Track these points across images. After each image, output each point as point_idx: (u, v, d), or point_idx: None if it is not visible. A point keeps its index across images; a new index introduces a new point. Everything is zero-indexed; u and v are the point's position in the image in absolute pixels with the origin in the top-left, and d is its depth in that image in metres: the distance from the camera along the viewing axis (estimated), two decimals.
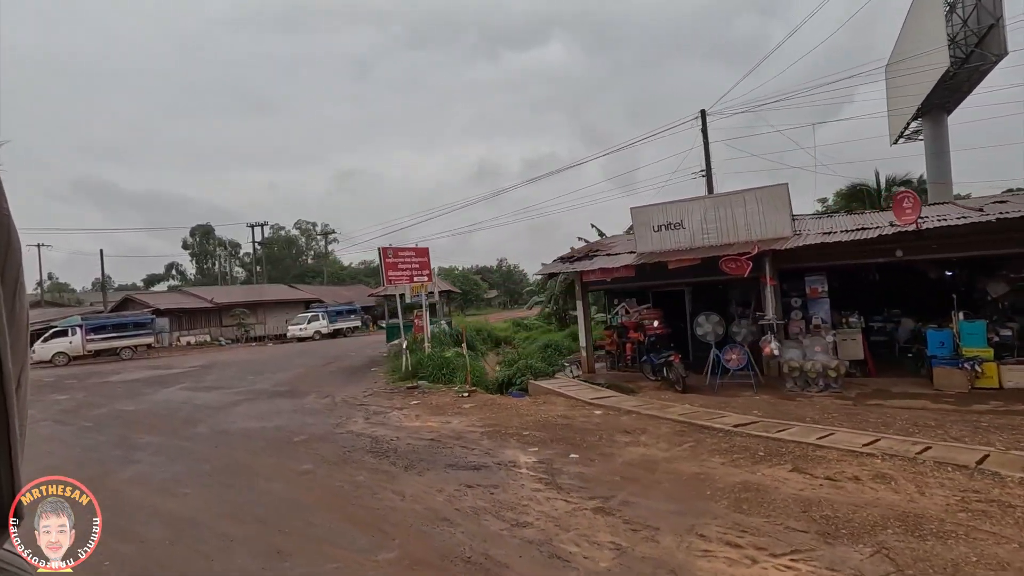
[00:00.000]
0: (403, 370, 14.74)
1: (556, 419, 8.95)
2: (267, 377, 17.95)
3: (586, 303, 15.62)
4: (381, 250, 14.74)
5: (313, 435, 9.13)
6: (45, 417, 12.54)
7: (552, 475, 6.26)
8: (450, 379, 13.70)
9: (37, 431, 10.98)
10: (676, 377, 12.05)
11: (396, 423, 9.73)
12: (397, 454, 7.61)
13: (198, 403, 13.35)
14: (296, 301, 48.80)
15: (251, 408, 12.24)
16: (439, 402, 11.36)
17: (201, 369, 21.78)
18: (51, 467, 8.07)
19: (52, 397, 15.88)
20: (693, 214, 12.66)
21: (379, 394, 13.09)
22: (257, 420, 10.77)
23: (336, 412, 11.14)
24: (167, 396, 14.82)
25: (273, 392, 14.50)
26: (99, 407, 13.60)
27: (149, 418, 11.74)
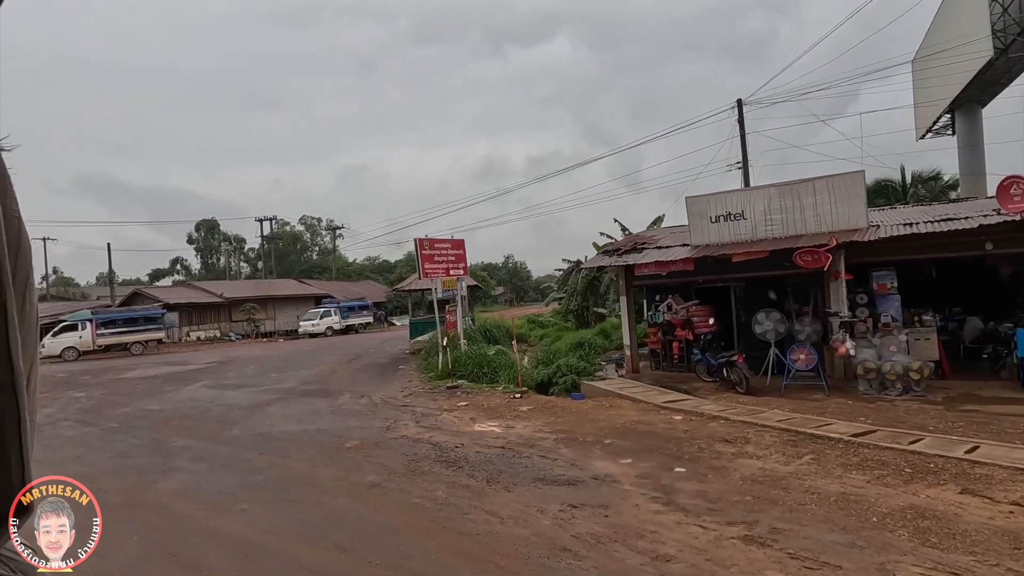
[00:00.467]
0: (440, 369, 13.92)
1: (634, 425, 8.13)
2: (291, 375, 17.14)
3: (630, 298, 14.79)
4: (417, 241, 13.89)
5: (365, 440, 8.31)
6: (65, 416, 11.74)
7: (666, 493, 5.45)
8: (492, 379, 12.88)
9: (60, 432, 10.18)
10: (739, 378, 11.23)
11: (452, 427, 8.91)
12: (470, 464, 6.80)
13: (227, 402, 12.53)
14: (305, 296, 47.99)
15: (286, 409, 11.43)
16: (489, 404, 10.54)
17: (219, 365, 20.98)
18: (83, 475, 7.25)
19: (69, 394, 15.08)
20: (756, 204, 11.82)
21: (419, 394, 12.27)
22: (297, 422, 9.96)
23: (380, 414, 10.33)
24: (191, 394, 14.01)
25: (303, 391, 13.69)
26: (121, 406, 12.80)
27: (178, 418, 10.93)
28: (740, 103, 20.83)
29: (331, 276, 63.46)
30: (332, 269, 70.11)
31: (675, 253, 12.62)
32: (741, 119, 20.79)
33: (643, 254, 13.41)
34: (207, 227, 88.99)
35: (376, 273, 75.16)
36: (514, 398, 10.74)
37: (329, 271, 67.24)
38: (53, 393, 15.51)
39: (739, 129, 20.83)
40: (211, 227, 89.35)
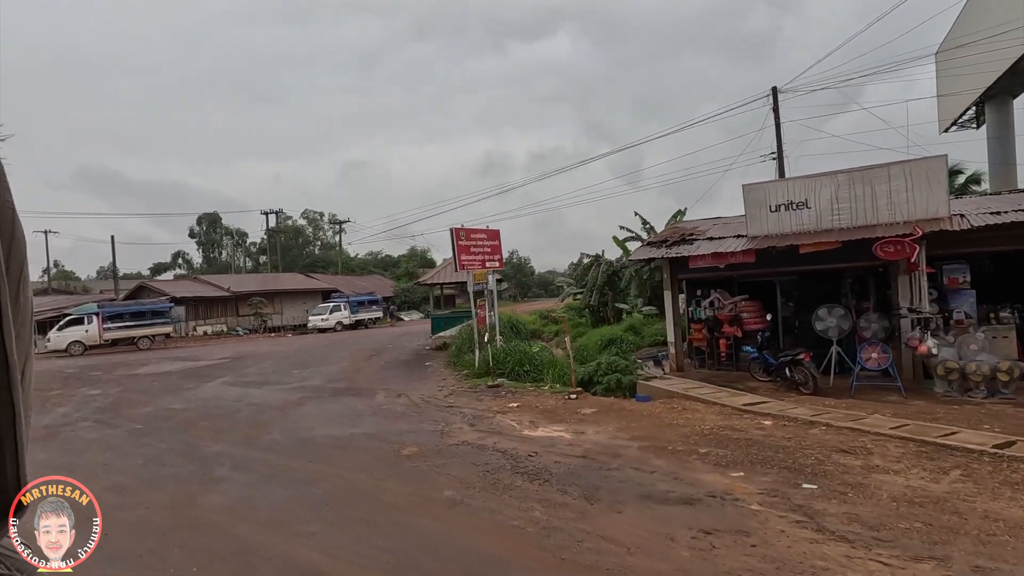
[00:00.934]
0: (476, 366, 13.10)
1: (721, 431, 7.33)
2: (313, 371, 16.32)
3: (675, 293, 13.98)
4: (453, 231, 13.04)
5: (423, 447, 7.51)
6: (83, 416, 10.91)
7: (809, 516, 4.65)
8: (536, 377, 12.08)
9: (81, 434, 9.35)
10: (804, 378, 10.45)
11: (513, 432, 8.11)
12: (555, 477, 5.99)
13: (254, 402, 11.71)
14: (312, 291, 47.11)
15: (320, 409, 10.61)
16: (544, 405, 9.73)
17: (233, 361, 20.14)
18: (117, 487, 6.45)
19: (83, 392, 14.24)
20: (821, 192, 11.00)
21: (460, 393, 11.47)
22: (338, 425, 9.14)
23: (427, 416, 9.52)
24: (214, 392, 13.18)
25: (333, 389, 12.87)
26: (141, 404, 11.97)
27: (206, 419, 10.11)
28: (775, 91, 19.98)
29: (336, 270, 62.51)
30: (338, 263, 69.19)
31: (730, 244, 11.81)
32: (776, 108, 19.94)
33: (695, 245, 12.58)
34: (209, 221, 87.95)
35: (379, 268, 74.20)
36: (569, 399, 9.94)
37: (332, 265, 66.28)
38: (66, 390, 14.67)
39: (774, 118, 19.99)
40: (213, 221, 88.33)
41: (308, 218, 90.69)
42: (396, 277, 58.04)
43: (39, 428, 10.00)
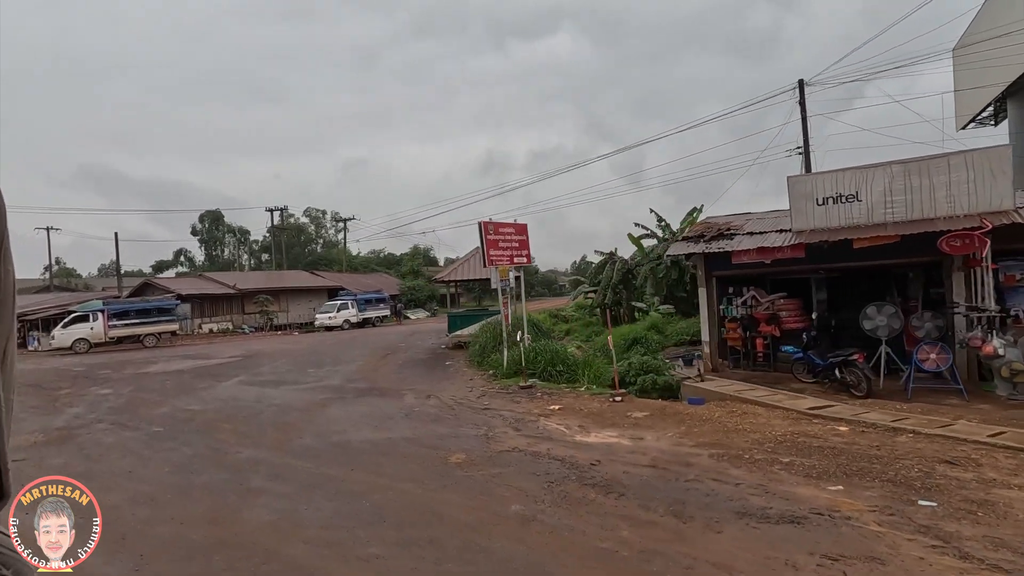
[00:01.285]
0: (505, 366, 12.52)
1: (795, 438, 6.77)
2: (330, 370, 15.74)
3: (711, 290, 13.41)
4: (482, 225, 12.45)
5: (471, 454, 6.93)
6: (98, 417, 10.32)
7: (944, 540, 4.09)
8: (571, 378, 11.51)
9: (98, 437, 8.76)
10: (857, 379, 9.90)
11: (563, 437, 7.53)
12: (630, 490, 5.43)
13: (275, 402, 11.13)
14: (318, 288, 46.51)
15: (347, 411, 10.04)
16: (588, 408, 9.16)
17: (245, 360, 19.54)
18: (147, 497, 5.88)
19: (94, 391, 13.65)
20: (874, 184, 10.44)
21: (492, 395, 10.90)
22: (372, 428, 8.57)
23: (464, 419, 8.95)
24: (231, 392, 12.60)
25: (356, 390, 12.29)
26: (156, 405, 11.38)
27: (228, 421, 9.53)
28: (801, 84, 19.41)
29: (341, 268, 61.84)
30: (342, 261, 68.56)
31: (774, 239, 11.24)
32: (802, 101, 19.37)
33: (735, 240, 12.02)
34: (211, 218, 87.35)
35: (382, 266, 73.59)
36: (614, 402, 9.36)
37: (335, 263, 65.58)
38: (75, 389, 14.08)
39: (800, 112, 19.42)
40: (215, 218, 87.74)
41: (310, 216, 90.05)
42: (401, 275, 57.42)
43: (52, 430, 9.42)
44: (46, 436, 9.03)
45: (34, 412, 11.22)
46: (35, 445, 8.48)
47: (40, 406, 11.86)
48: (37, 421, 10.25)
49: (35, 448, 8.30)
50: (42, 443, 8.59)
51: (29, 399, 12.87)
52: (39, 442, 8.64)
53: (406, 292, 51.04)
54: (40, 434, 9.16)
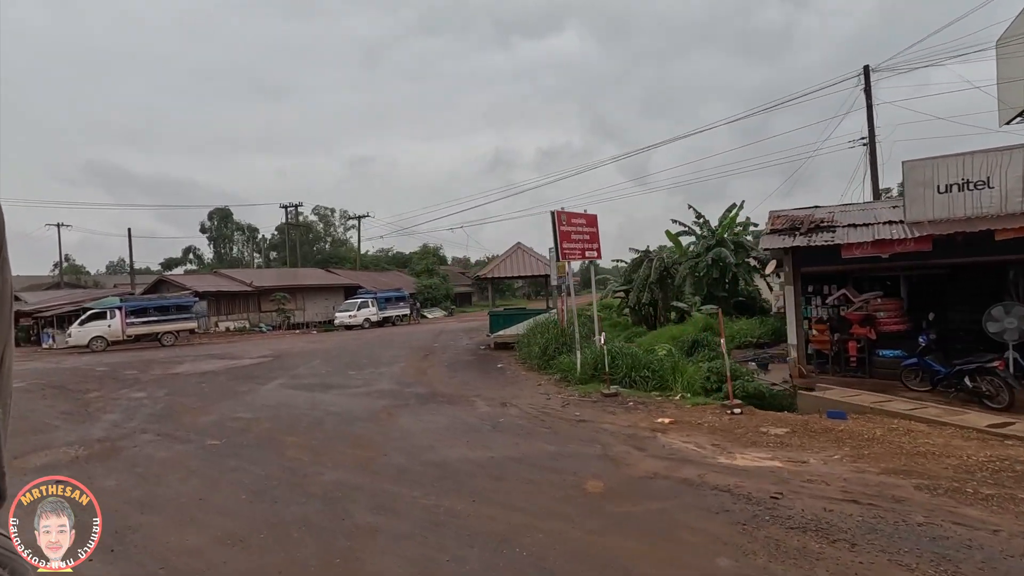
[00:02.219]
0: (579, 371, 11.34)
1: (1004, 463, 5.58)
2: (373, 373, 14.59)
3: (799, 288, 12.21)
4: (555, 214, 11.25)
5: (606, 480, 5.75)
6: (141, 426, 9.15)
7: None
8: (659, 385, 10.32)
9: (148, 451, 7.60)
10: (996, 389, 8.70)
11: (706, 460, 6.35)
12: (852, 536, 4.24)
13: (332, 410, 9.97)
14: (334, 287, 45.41)
15: (422, 421, 8.86)
16: (706, 422, 7.97)
17: (276, 360, 18.39)
18: (234, 537, 4.70)
19: (125, 394, 12.50)
20: (1009, 169, 9.24)
21: (577, 403, 9.72)
22: (463, 444, 7.38)
23: (563, 433, 7.77)
24: (277, 398, 11.43)
25: (415, 395, 11.12)
26: (200, 412, 10.22)
27: (290, 433, 8.36)
28: (867, 70, 18.19)
29: (354, 266, 60.68)
30: (351, 259, 67.45)
31: (890, 231, 10.04)
32: (868, 88, 18.15)
33: (837, 233, 10.82)
34: (220, 216, 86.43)
35: (391, 264, 72.47)
36: (733, 414, 8.18)
37: (345, 261, 64.38)
38: (104, 392, 12.93)
39: (865, 100, 18.20)
40: (224, 216, 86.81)
41: (319, 214, 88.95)
42: (416, 274, 56.25)
43: (92, 442, 8.27)
44: (87, 449, 7.87)
45: (66, 419, 10.08)
46: (77, 461, 7.33)
47: (71, 412, 10.72)
48: (73, 430, 9.10)
49: (78, 465, 7.14)
50: (84, 458, 7.44)
51: (57, 403, 11.73)
52: (80, 457, 7.49)
53: (422, 291, 49.87)
54: (80, 447, 8.01)
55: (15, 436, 8.91)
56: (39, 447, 8.08)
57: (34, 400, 12.18)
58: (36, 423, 9.74)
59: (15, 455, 7.72)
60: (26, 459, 7.44)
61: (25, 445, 8.22)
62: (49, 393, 13.05)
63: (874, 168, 18.17)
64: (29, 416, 10.40)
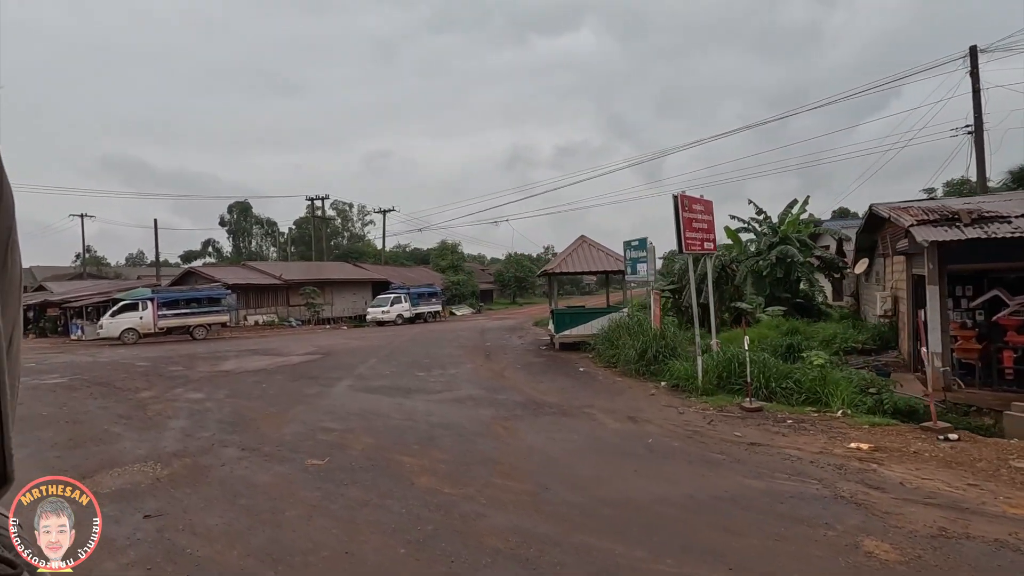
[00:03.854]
0: (699, 380, 9.84)
1: None
2: (442, 374, 13.16)
3: (943, 288, 10.62)
4: (678, 198, 9.73)
5: (890, 539, 4.25)
6: (216, 436, 7.73)
7: None
8: (810, 399, 8.79)
9: (241, 472, 6.17)
10: None
11: (981, 507, 4.83)
12: None
13: (433, 420, 8.53)
14: (361, 281, 44.16)
15: (554, 441, 7.38)
16: (920, 451, 6.43)
17: (325, 358, 17.01)
18: None
19: (182, 395, 11.13)
20: None
21: (723, 420, 8.20)
22: (633, 474, 5.90)
23: (743, 460, 6.27)
24: (357, 403, 10.00)
25: (514, 403, 9.66)
26: (276, 419, 8.82)
27: (401, 450, 6.92)
28: (974, 51, 16.49)
29: (378, 261, 59.41)
30: (371, 254, 66.25)
31: None
32: (975, 71, 16.45)
33: (1012, 224, 9.24)
34: (240, 209, 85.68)
35: (410, 260, 71.27)
36: (948, 440, 6.64)
37: (366, 256, 63.16)
38: (157, 391, 11.58)
39: (972, 84, 16.50)
40: (244, 209, 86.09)
41: (337, 208, 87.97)
42: (440, 270, 54.88)
43: (167, 456, 6.89)
44: (166, 467, 6.48)
45: (126, 425, 8.71)
46: (159, 485, 5.93)
47: (129, 416, 9.36)
48: (139, 440, 7.72)
49: (162, 490, 5.75)
50: (167, 481, 6.04)
51: (109, 404, 10.39)
52: (163, 479, 6.09)
53: (449, 287, 48.52)
54: (156, 463, 6.62)
55: (76, 446, 7.55)
56: (107, 463, 6.70)
57: (82, 400, 10.86)
58: (94, 429, 8.39)
59: (82, 473, 6.34)
60: (97, 479, 6.06)
61: (90, 459, 6.85)
62: (96, 392, 11.73)
63: (980, 156, 16.48)
64: (83, 420, 9.07)
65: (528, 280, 66.35)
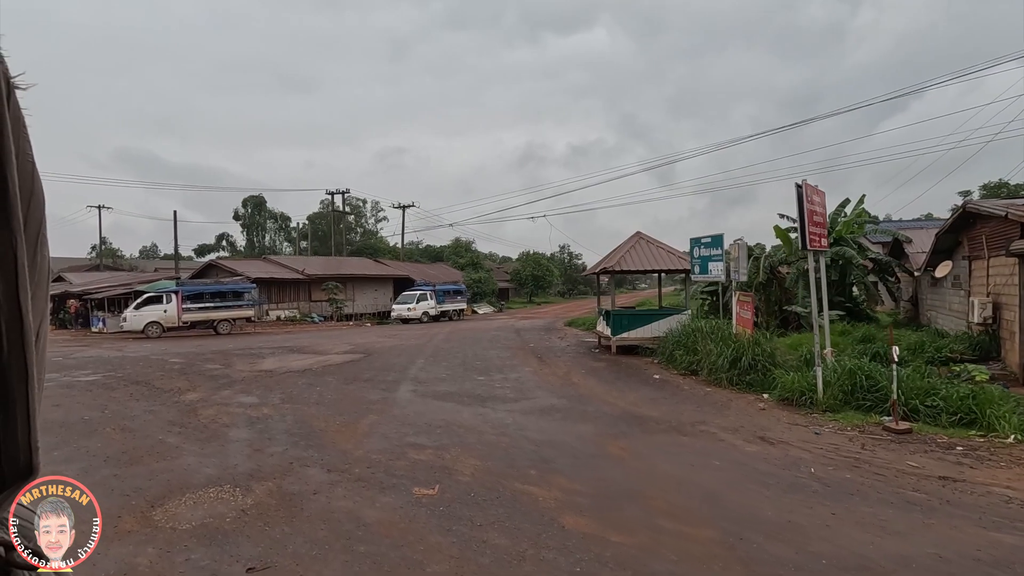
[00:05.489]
0: (821, 394, 8.64)
1: None
2: (504, 378, 12.02)
3: None
4: (802, 187, 8.50)
5: None
6: (289, 451, 6.59)
7: None
8: (965, 420, 7.56)
9: (336, 500, 5.02)
10: None
11: None
12: None
13: (531, 436, 7.36)
14: (382, 277, 43.02)
15: (696, 469, 6.21)
16: None
17: (368, 358, 15.88)
18: None
19: (231, 397, 10.02)
20: None
21: (875, 443, 7.01)
22: (836, 519, 4.73)
23: (957, 503, 5.09)
24: (434, 413, 8.84)
25: (611, 417, 8.49)
26: (350, 431, 7.69)
27: (520, 477, 5.77)
28: None
29: (393, 257, 58.37)
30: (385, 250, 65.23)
31: None
32: None
33: None
34: (254, 204, 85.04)
35: (424, 257, 70.26)
36: None
37: (380, 252, 62.11)
38: (202, 392, 10.46)
39: None
40: (258, 204, 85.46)
41: (351, 204, 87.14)
42: (459, 267, 53.76)
43: (244, 478, 5.76)
44: (246, 493, 5.34)
45: (181, 434, 7.59)
46: (247, 518, 4.79)
47: (180, 422, 8.25)
48: (204, 456, 6.60)
49: (253, 525, 4.61)
50: (254, 512, 4.90)
51: (154, 407, 9.28)
52: (248, 511, 4.95)
53: (471, 285, 47.39)
54: (233, 487, 5.49)
55: (132, 461, 6.43)
56: (175, 485, 5.58)
57: (124, 401, 9.77)
58: (147, 440, 7.28)
59: (150, 499, 5.22)
60: (169, 509, 4.94)
61: (154, 480, 5.73)
62: (136, 392, 10.64)
63: None
64: (131, 427, 7.96)
65: (545, 279, 65.17)
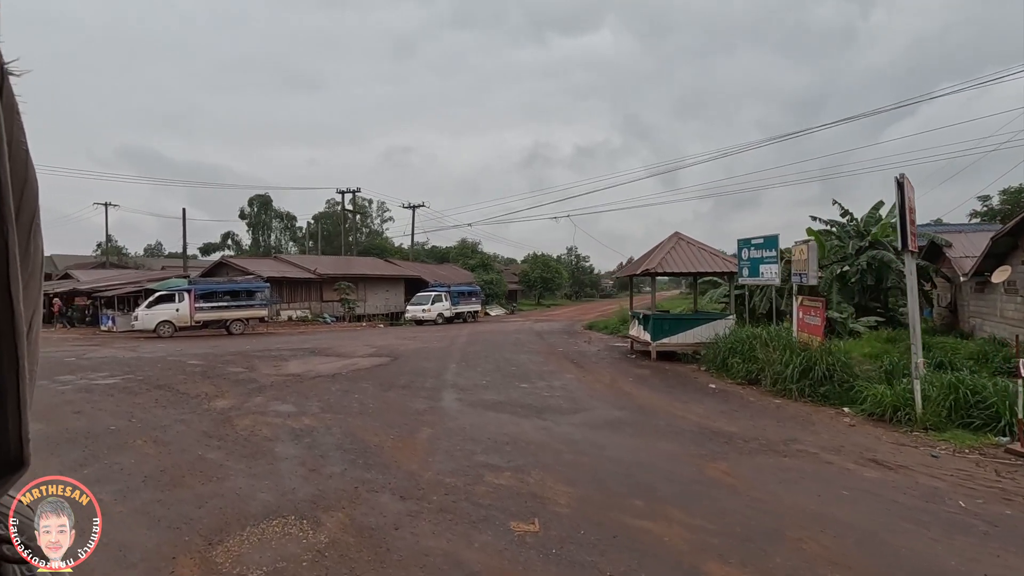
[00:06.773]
0: (919, 409, 7.83)
1: None
2: (548, 386, 11.22)
3: None
4: (902, 180, 7.69)
5: None
6: (348, 472, 5.77)
7: None
8: None
9: (423, 538, 4.20)
10: None
11: None
12: None
13: (610, 455, 6.54)
14: (393, 278, 42.25)
15: (822, 501, 5.39)
16: None
17: (397, 362, 15.06)
18: None
19: (265, 405, 9.19)
20: None
21: (1006, 469, 6.22)
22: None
23: None
24: (494, 427, 8.01)
25: (682, 432, 7.68)
26: (406, 447, 6.88)
27: (624, 509, 4.96)
28: None
29: (402, 257, 57.61)
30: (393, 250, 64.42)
31: None
32: None
33: None
34: (261, 203, 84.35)
35: (430, 258, 69.52)
36: None
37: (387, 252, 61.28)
38: (232, 399, 9.63)
39: None
40: (264, 203, 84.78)
41: (356, 204, 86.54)
42: (470, 268, 52.97)
43: (309, 504, 4.94)
44: (316, 528, 4.52)
45: (220, 448, 6.77)
46: (325, 562, 3.97)
47: (217, 434, 7.42)
48: (253, 475, 5.78)
49: (336, 573, 3.81)
50: (333, 555, 4.08)
51: (184, 414, 8.45)
52: (325, 551, 4.12)
53: (483, 287, 46.60)
54: (298, 518, 4.66)
55: (174, 483, 5.61)
56: (231, 516, 4.76)
57: (149, 408, 8.96)
58: (186, 456, 6.46)
59: (206, 535, 4.41)
60: (232, 548, 4.13)
61: (206, 509, 4.91)
62: (161, 398, 9.83)
63: None
64: (164, 439, 7.14)
65: (555, 281, 64.38)
